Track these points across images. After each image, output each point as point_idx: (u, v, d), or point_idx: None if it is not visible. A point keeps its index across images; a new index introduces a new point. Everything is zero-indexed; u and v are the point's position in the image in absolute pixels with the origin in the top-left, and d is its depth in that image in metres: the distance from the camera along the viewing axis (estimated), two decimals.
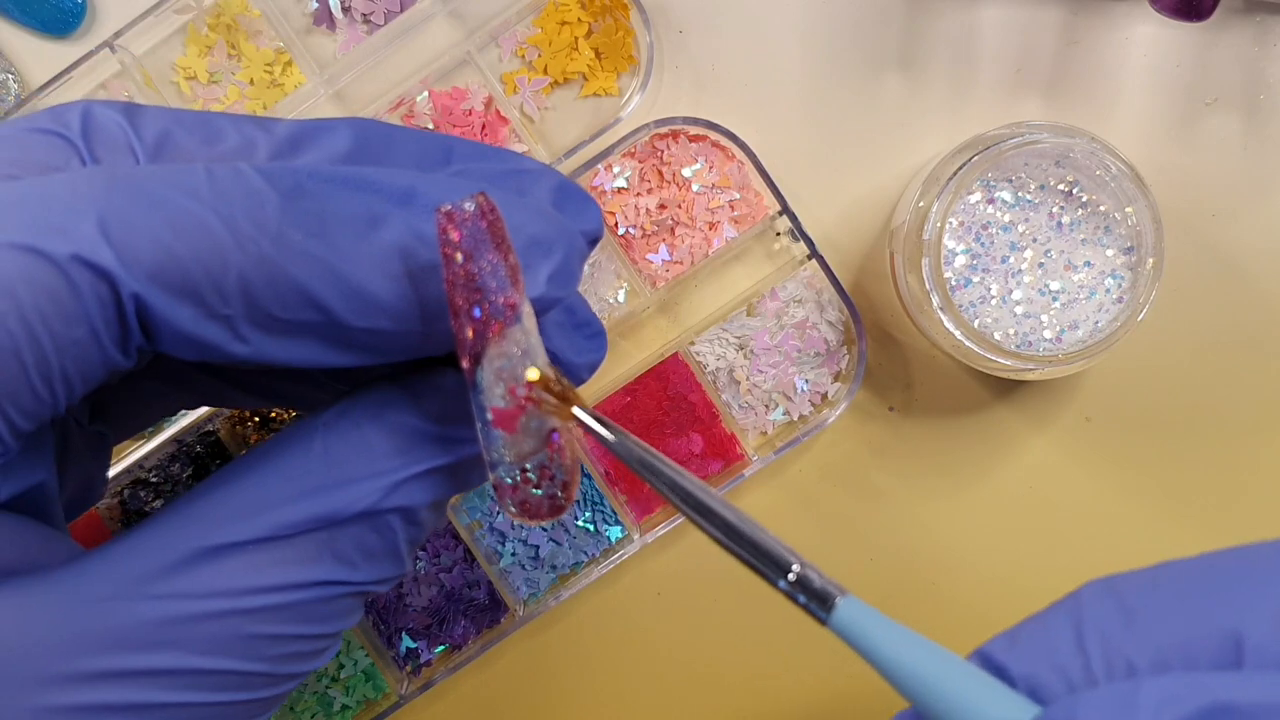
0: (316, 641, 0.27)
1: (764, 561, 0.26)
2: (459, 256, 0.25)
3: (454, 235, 0.25)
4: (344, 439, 0.27)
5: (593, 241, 0.29)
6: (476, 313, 0.25)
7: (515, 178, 0.29)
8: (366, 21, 0.46)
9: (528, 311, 0.25)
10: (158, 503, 0.45)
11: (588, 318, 0.30)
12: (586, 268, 0.46)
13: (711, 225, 0.46)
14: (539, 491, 0.26)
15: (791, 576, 0.26)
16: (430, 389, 0.27)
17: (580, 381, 0.30)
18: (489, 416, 0.26)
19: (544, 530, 0.46)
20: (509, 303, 0.25)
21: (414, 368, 0.28)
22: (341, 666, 0.46)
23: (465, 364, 0.25)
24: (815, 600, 0.26)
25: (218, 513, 0.26)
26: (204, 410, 0.45)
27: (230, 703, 0.26)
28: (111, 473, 0.45)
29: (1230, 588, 0.25)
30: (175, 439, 0.45)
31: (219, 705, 0.25)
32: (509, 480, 0.26)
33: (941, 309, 0.42)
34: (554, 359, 0.28)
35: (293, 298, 0.25)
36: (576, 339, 0.30)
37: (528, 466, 0.26)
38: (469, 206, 0.25)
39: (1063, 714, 0.23)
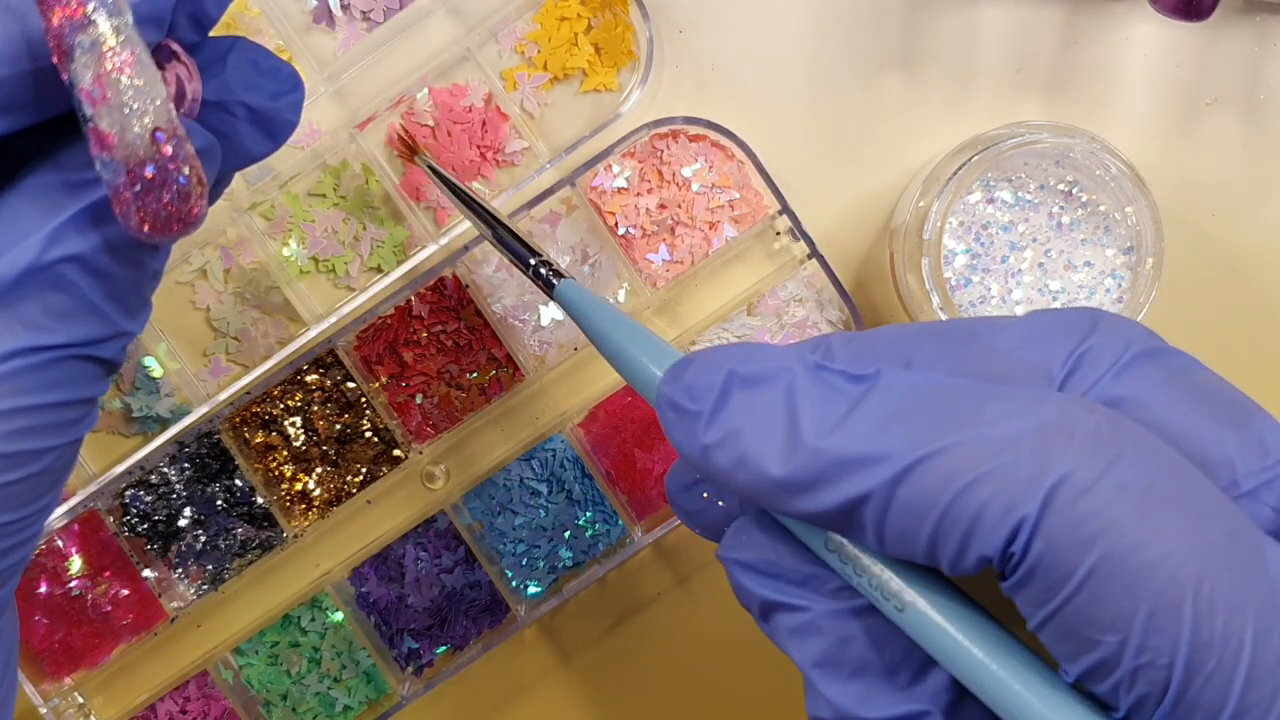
0: (46, 413, 0.26)
1: (517, 254, 0.38)
2: None
3: None
4: None
5: None
6: None
7: None
8: (366, 19, 0.46)
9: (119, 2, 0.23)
10: (158, 504, 0.45)
11: (274, 64, 0.29)
12: (586, 267, 0.46)
13: (711, 225, 0.46)
14: (163, 198, 0.25)
15: (533, 262, 0.37)
16: (64, 141, 0.26)
17: (292, 125, 0.29)
18: (88, 113, 0.24)
19: (544, 530, 0.46)
20: None
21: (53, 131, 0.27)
22: (344, 667, 0.46)
23: (56, 60, 0.23)
24: (547, 280, 0.36)
25: None
26: (203, 410, 0.45)
27: None
28: (112, 473, 0.45)
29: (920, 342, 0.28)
30: (176, 440, 0.45)
31: None
32: (124, 188, 0.24)
33: (941, 309, 0.42)
34: (260, 113, 0.28)
35: None
36: (268, 84, 0.28)
37: (146, 172, 0.24)
38: None
39: (681, 363, 0.28)
